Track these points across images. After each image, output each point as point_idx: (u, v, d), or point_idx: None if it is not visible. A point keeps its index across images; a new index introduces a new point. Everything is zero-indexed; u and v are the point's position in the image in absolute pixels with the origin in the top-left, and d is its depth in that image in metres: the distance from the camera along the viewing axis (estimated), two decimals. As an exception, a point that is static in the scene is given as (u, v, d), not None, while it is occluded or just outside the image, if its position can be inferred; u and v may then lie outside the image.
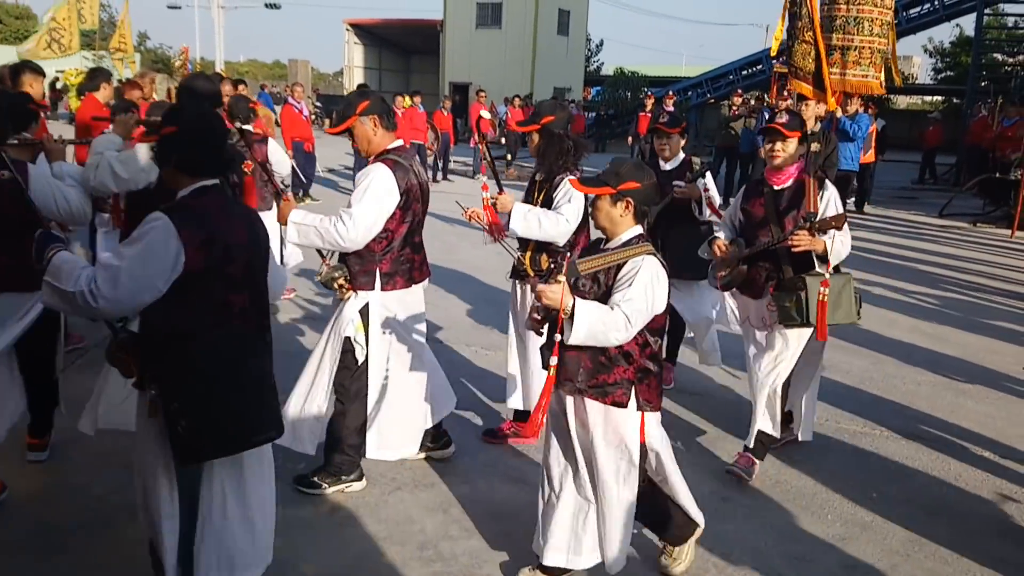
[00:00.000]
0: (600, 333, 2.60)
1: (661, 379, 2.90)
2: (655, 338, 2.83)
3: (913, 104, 44.85)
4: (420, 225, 3.69)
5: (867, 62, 9.47)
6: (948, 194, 15.20)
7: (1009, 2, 23.20)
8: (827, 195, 3.83)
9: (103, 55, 18.44)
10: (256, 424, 2.52)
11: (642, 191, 2.77)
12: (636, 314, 2.63)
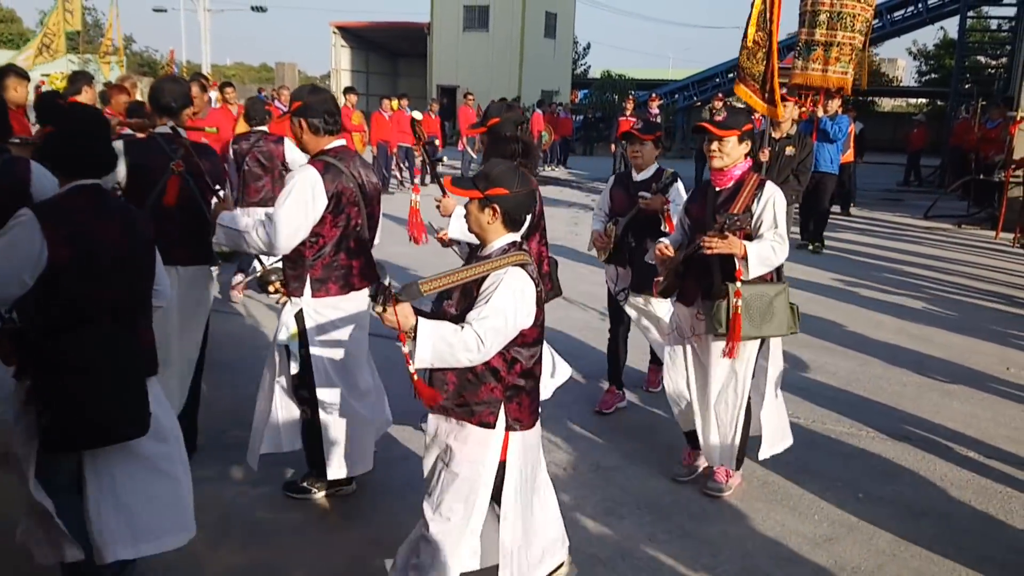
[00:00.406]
0: (447, 355, 2.38)
1: (536, 395, 2.72)
2: (529, 352, 2.63)
3: (898, 107, 45.22)
4: (359, 229, 3.52)
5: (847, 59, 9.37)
6: (933, 196, 15.33)
7: (992, 5, 23.44)
8: (765, 197, 3.55)
9: (88, 58, 18.35)
10: (122, 419, 2.53)
11: (511, 199, 2.54)
12: (490, 333, 2.40)
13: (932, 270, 9.48)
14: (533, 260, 2.65)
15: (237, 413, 4.55)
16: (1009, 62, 20.06)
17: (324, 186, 3.31)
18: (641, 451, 4.32)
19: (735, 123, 3.56)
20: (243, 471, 3.91)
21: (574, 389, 5.14)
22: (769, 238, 3.47)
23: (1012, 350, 6.35)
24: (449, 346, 2.37)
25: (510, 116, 3.88)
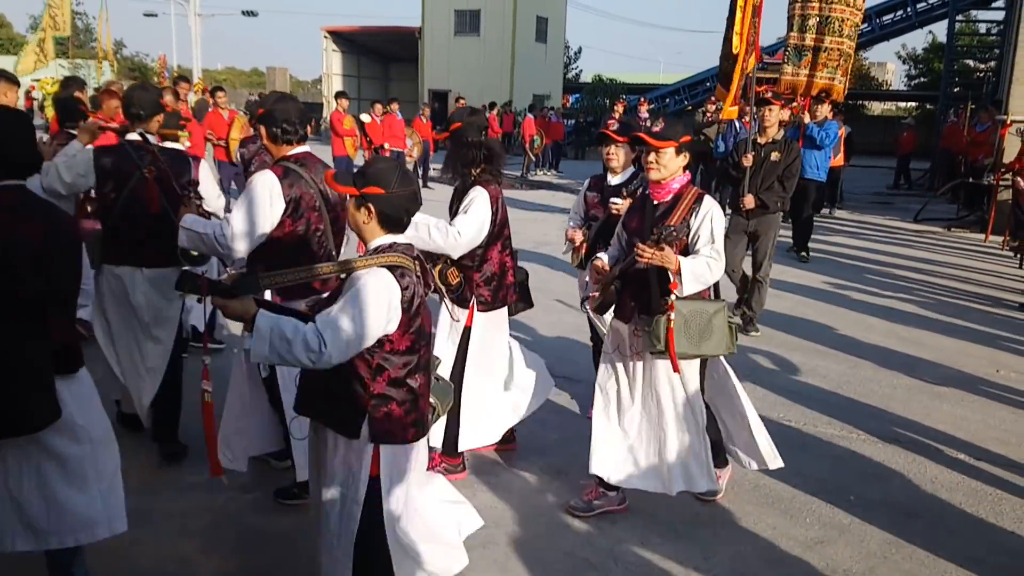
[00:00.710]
0: (285, 351, 2.26)
1: (413, 407, 2.53)
2: (401, 361, 2.47)
3: (887, 110, 45.46)
4: (320, 235, 3.56)
5: (834, 64, 9.26)
6: (922, 199, 15.41)
7: (980, 9, 23.62)
8: (703, 211, 3.39)
9: (79, 63, 18.30)
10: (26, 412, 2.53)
11: (387, 199, 2.43)
12: (334, 333, 2.27)
13: (922, 273, 9.53)
14: (417, 265, 2.51)
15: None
16: (998, 66, 20.21)
17: (282, 190, 3.36)
18: (633, 455, 4.31)
19: (673, 134, 3.40)
20: (233, 477, 3.89)
21: (567, 392, 5.15)
22: (705, 254, 3.33)
23: (1002, 352, 6.38)
24: (287, 343, 2.25)
25: (472, 121, 3.82)
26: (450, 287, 3.78)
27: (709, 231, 3.38)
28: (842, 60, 9.26)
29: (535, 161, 21.06)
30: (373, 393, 2.45)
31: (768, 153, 6.48)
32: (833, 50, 9.01)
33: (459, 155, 3.76)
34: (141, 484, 3.46)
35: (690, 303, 3.32)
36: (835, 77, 9.31)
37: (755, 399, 5.13)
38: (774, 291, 8.11)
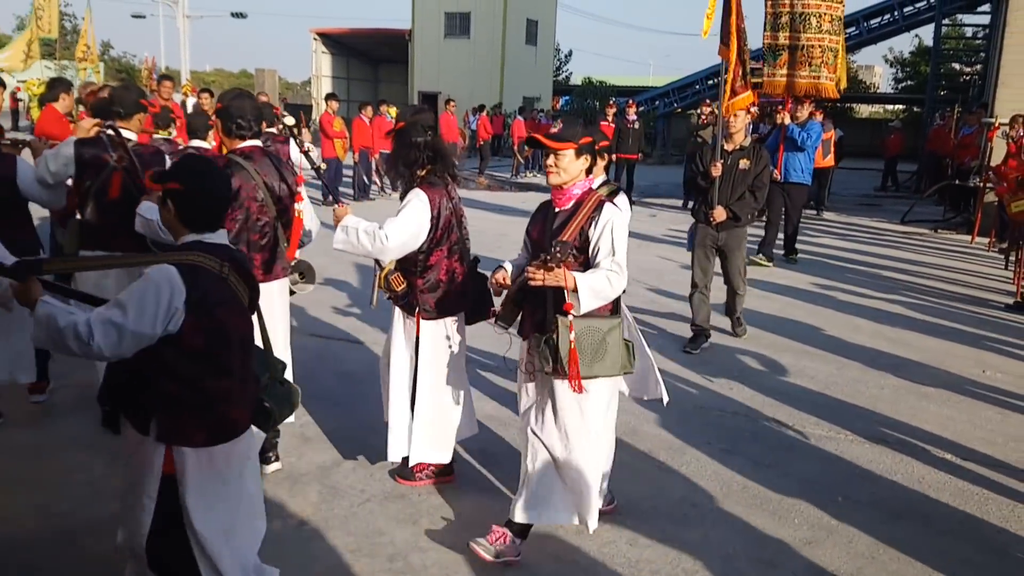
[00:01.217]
0: (58, 341, 2.24)
1: (208, 411, 2.43)
2: (191, 361, 2.38)
3: (875, 113, 45.74)
4: (262, 226, 3.71)
5: (818, 62, 8.90)
6: (910, 201, 15.51)
7: (966, 13, 23.80)
8: (603, 221, 3.09)
9: (66, 64, 18.18)
10: None
11: (185, 196, 2.41)
12: (106, 328, 2.22)
13: (909, 274, 9.58)
14: (227, 268, 2.43)
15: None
16: (983, 69, 20.36)
17: None
18: (622, 455, 4.29)
19: (571, 135, 3.15)
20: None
21: (555, 395, 5.14)
22: (605, 267, 3.04)
23: (987, 353, 6.42)
24: (59, 333, 2.22)
25: (416, 120, 3.64)
26: (395, 293, 3.69)
27: (610, 242, 3.09)
28: (827, 57, 8.90)
29: (524, 163, 21.07)
30: (160, 391, 2.38)
31: (736, 161, 6.01)
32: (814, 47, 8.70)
33: (401, 155, 3.61)
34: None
35: (582, 320, 3.06)
36: (820, 75, 8.96)
37: (742, 399, 5.18)
38: (762, 292, 8.15)
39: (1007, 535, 3.64)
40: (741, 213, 5.99)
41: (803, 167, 9.67)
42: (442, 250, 3.66)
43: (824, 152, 14.24)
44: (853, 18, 27.00)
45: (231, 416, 2.50)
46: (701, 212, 6.15)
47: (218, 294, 2.40)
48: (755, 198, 6.03)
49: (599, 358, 3.09)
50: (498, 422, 4.68)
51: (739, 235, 6.15)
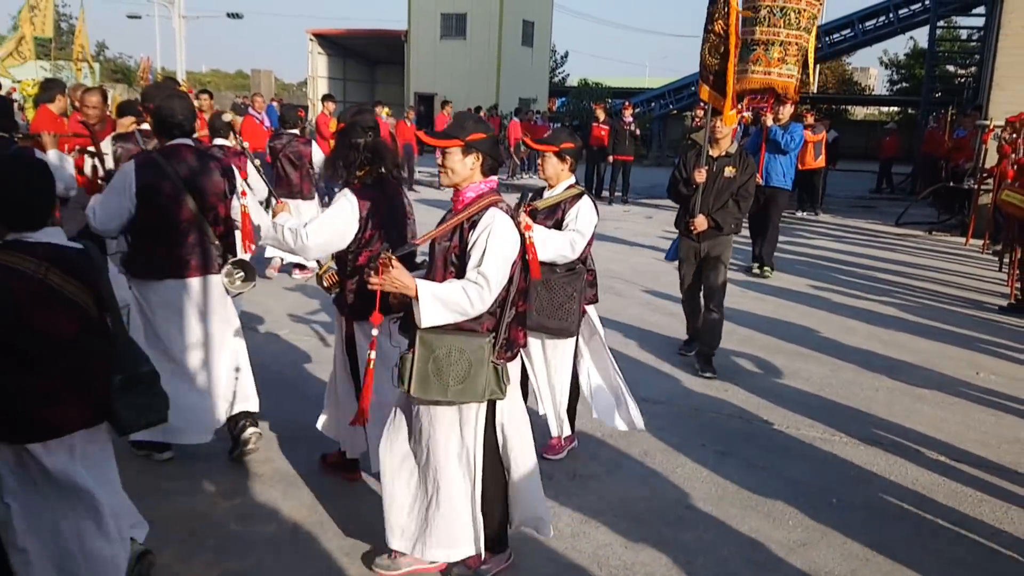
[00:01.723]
0: None
1: (15, 410, 2.47)
2: (6, 360, 2.44)
3: (870, 115, 45.83)
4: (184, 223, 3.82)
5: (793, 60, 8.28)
6: (904, 203, 15.56)
7: (961, 15, 23.88)
8: (480, 227, 2.82)
9: (61, 65, 18.13)
10: None
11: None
12: None
13: (904, 276, 9.61)
14: (44, 268, 2.46)
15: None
16: (978, 71, 20.43)
17: (135, 178, 3.72)
18: (618, 459, 4.33)
19: (457, 131, 2.91)
20: (214, 483, 3.87)
21: (550, 397, 5.14)
22: (468, 278, 2.78)
23: (981, 355, 6.44)
24: None
25: (356, 120, 3.61)
26: (328, 291, 3.76)
27: (481, 251, 2.78)
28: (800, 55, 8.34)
29: (520, 165, 21.08)
30: None
31: (721, 168, 5.66)
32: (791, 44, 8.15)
33: (340, 156, 3.55)
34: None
35: (442, 336, 2.80)
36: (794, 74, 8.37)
37: (737, 401, 5.19)
38: (756, 294, 8.17)
39: (1001, 536, 3.65)
40: (723, 222, 5.59)
41: (785, 171, 9.18)
42: (372, 252, 3.51)
43: (815, 153, 14.32)
44: (848, 20, 27.12)
45: (41, 415, 2.50)
46: (683, 222, 5.77)
47: (27, 294, 2.44)
48: (739, 207, 5.65)
49: (461, 381, 2.81)
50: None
51: (723, 243, 5.66)
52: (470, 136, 2.89)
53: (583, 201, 4.00)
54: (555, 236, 3.87)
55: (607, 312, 7.10)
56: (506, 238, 2.83)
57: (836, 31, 27.87)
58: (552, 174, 4.04)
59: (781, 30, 8.18)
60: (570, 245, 3.87)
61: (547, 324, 3.94)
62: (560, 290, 3.92)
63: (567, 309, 3.94)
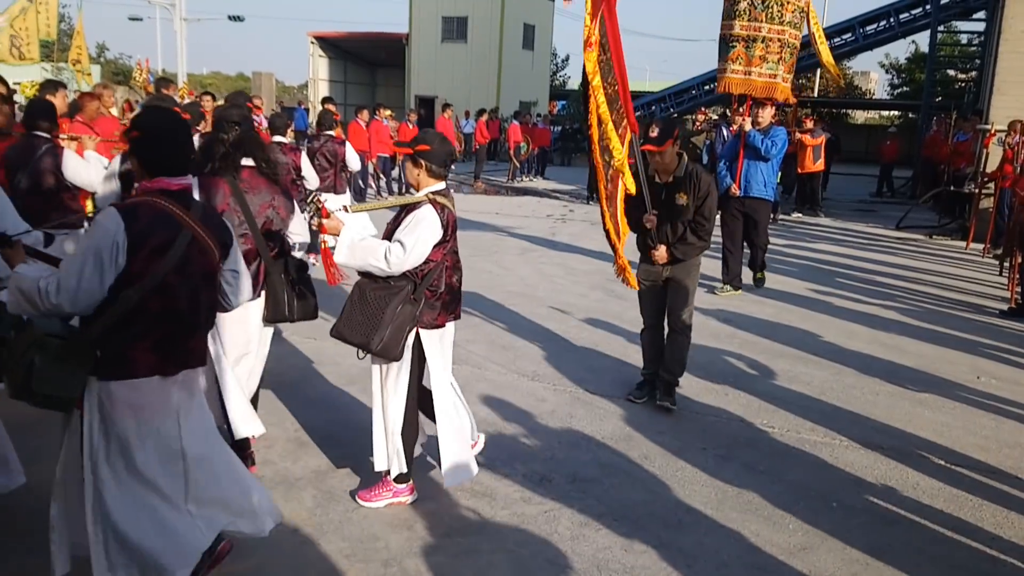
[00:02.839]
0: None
1: None
2: None
3: (870, 119, 45.88)
4: None
5: (775, 58, 7.68)
6: (905, 207, 15.56)
7: (962, 20, 23.89)
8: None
9: (62, 66, 18.14)
10: None
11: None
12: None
13: (904, 280, 9.61)
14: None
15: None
16: (978, 76, 20.44)
17: None
18: (617, 461, 4.32)
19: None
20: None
21: (551, 399, 5.14)
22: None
23: (982, 359, 6.43)
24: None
25: (223, 115, 3.86)
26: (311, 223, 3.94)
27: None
28: (785, 53, 7.63)
29: (520, 168, 21.09)
30: None
31: (672, 195, 4.96)
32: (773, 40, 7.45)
33: (203, 147, 3.78)
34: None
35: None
36: (777, 73, 7.71)
37: (737, 405, 5.19)
38: (756, 297, 8.16)
39: (1001, 542, 3.65)
40: (685, 255, 4.99)
41: (766, 180, 8.15)
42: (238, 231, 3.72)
43: (815, 157, 14.55)
44: (849, 24, 27.14)
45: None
46: (642, 245, 5.18)
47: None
48: (699, 237, 4.96)
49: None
50: (491, 426, 4.68)
51: (687, 267, 5.05)
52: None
53: (420, 211, 3.49)
54: (367, 244, 3.49)
55: (609, 316, 7.11)
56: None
57: (837, 35, 27.89)
58: (411, 179, 3.66)
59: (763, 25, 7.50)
60: (384, 256, 3.42)
61: (344, 334, 3.56)
62: (373, 304, 3.50)
63: (373, 326, 3.48)
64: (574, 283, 8.55)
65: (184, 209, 2.69)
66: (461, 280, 3.82)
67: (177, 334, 2.71)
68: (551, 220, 13.77)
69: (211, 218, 2.82)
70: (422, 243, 3.46)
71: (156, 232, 2.60)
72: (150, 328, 2.63)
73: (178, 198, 2.69)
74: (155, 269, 2.58)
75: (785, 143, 8.18)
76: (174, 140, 2.73)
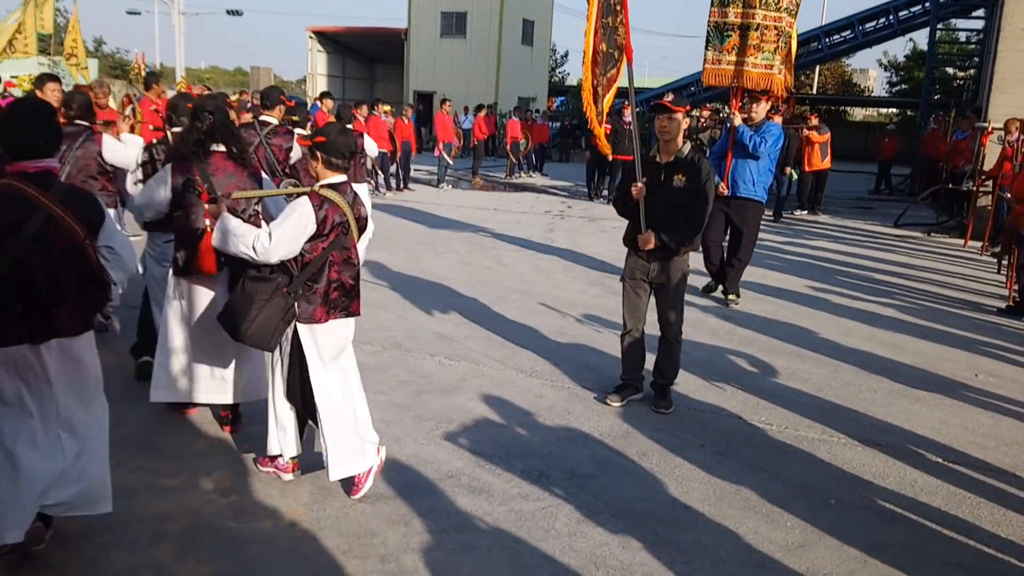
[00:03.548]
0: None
1: None
2: None
3: (869, 116, 45.88)
4: None
5: (771, 47, 7.03)
6: (903, 204, 15.57)
7: (960, 17, 23.89)
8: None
9: (57, 60, 18.06)
10: None
11: None
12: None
13: (903, 277, 9.61)
14: None
15: (202, 424, 4.50)
16: (977, 73, 20.44)
17: None
18: (615, 458, 4.31)
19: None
20: (211, 480, 3.85)
21: (549, 395, 5.13)
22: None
23: (980, 357, 6.44)
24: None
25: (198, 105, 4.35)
26: None
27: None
28: (781, 42, 7.09)
29: (518, 164, 21.06)
30: None
31: (671, 176, 4.81)
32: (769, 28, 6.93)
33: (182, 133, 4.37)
34: (115, 486, 3.39)
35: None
36: (773, 64, 7.15)
37: (735, 402, 5.18)
38: (755, 295, 8.15)
39: (998, 540, 3.64)
40: (671, 241, 4.77)
41: (755, 178, 7.46)
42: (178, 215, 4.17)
43: (822, 154, 14.49)
44: (848, 21, 27.15)
45: None
46: (630, 236, 5.02)
47: None
48: (689, 221, 4.78)
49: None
50: (488, 422, 4.67)
51: (675, 268, 4.87)
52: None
53: (296, 203, 3.52)
54: (241, 229, 3.54)
55: (607, 312, 7.10)
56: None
57: (836, 32, 27.90)
58: (310, 171, 3.79)
59: (757, 11, 7.02)
60: (252, 243, 3.44)
61: (221, 320, 3.68)
62: (248, 293, 3.54)
63: (244, 315, 3.52)
64: (572, 279, 8.53)
65: (41, 190, 2.92)
66: (356, 277, 3.75)
67: (40, 306, 2.94)
68: (549, 216, 13.76)
69: (74, 198, 3.04)
70: (289, 235, 3.46)
71: (8, 213, 2.86)
72: (12, 301, 2.87)
73: (36, 180, 2.93)
74: (9, 246, 2.84)
75: (779, 139, 7.56)
76: (30, 125, 2.98)
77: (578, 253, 10.15)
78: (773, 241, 11.90)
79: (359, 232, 3.70)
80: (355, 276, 3.73)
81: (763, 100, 7.47)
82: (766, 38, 6.89)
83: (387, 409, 4.77)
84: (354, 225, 3.62)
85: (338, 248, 3.60)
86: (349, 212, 3.59)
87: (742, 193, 7.49)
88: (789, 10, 6.92)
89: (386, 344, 5.99)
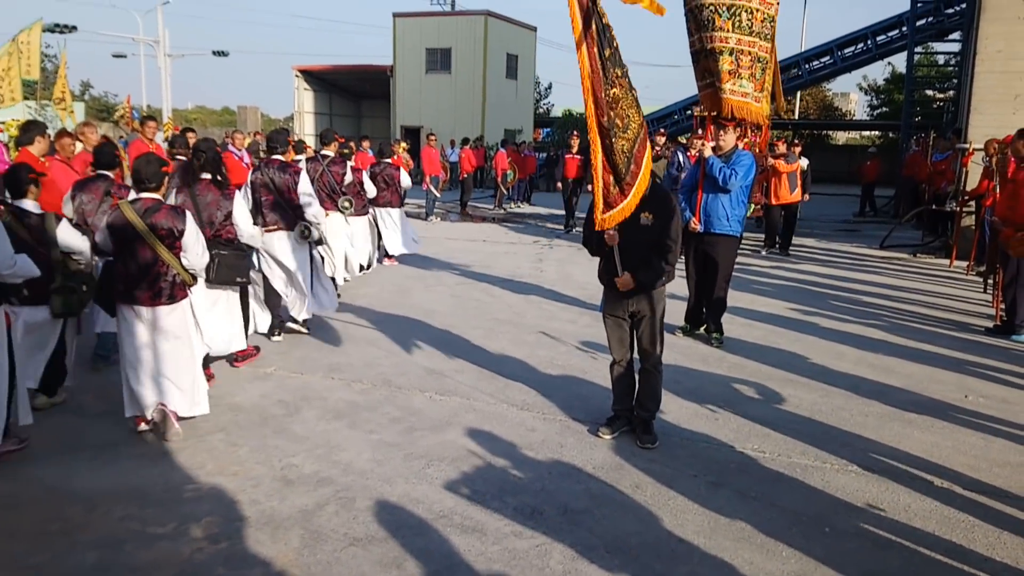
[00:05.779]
0: None
1: None
2: None
3: (851, 139, 46.41)
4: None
5: (747, 74, 6.75)
6: (888, 226, 15.69)
7: (938, 41, 24.33)
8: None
9: (46, 103, 18.15)
10: None
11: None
12: None
13: (890, 299, 9.65)
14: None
15: (191, 468, 4.46)
16: (956, 95, 20.74)
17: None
18: (609, 492, 4.28)
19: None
20: (200, 527, 3.81)
21: (540, 429, 5.11)
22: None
23: (970, 377, 6.45)
24: None
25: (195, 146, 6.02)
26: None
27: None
28: (757, 68, 6.76)
29: (507, 194, 21.18)
30: None
31: (637, 214, 4.72)
32: (744, 54, 6.61)
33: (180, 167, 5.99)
34: (104, 535, 3.35)
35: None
36: (748, 92, 6.80)
37: (728, 430, 5.17)
38: (744, 320, 8.17)
39: (993, 563, 3.63)
40: (647, 280, 4.78)
41: (728, 213, 7.10)
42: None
43: (790, 186, 12.92)
44: (828, 47, 27.59)
45: None
46: (604, 276, 5.02)
47: None
48: (664, 261, 4.74)
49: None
50: (479, 458, 4.64)
51: (653, 299, 4.87)
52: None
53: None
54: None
55: (598, 341, 7.10)
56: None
57: (816, 58, 28.35)
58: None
59: (731, 34, 6.60)
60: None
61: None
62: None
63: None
64: (562, 309, 8.54)
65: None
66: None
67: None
68: (538, 246, 13.80)
69: None
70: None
71: None
72: None
73: None
74: None
75: (750, 169, 7.10)
76: None
77: (568, 282, 10.17)
78: (760, 265, 11.96)
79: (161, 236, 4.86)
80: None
81: (731, 128, 7.06)
82: (742, 63, 6.63)
83: (377, 448, 4.74)
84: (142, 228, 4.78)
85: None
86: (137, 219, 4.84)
87: (716, 229, 7.15)
88: (762, 34, 6.64)
89: (376, 381, 5.97)
